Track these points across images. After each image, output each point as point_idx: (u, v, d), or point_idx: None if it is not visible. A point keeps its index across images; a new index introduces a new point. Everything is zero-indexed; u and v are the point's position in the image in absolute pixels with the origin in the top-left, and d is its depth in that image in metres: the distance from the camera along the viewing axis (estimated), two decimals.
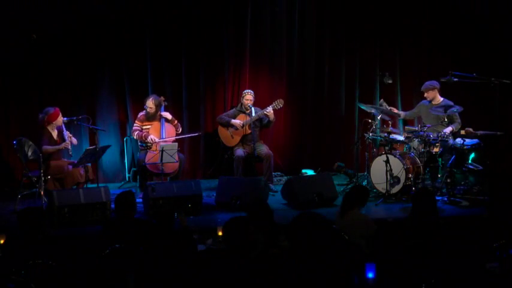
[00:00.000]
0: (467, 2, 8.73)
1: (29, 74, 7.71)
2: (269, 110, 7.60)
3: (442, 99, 7.49)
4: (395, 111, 7.90)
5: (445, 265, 3.97)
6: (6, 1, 7.53)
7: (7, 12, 7.49)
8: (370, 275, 4.16)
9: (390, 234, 4.51)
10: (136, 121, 7.54)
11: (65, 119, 7.02)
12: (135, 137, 7.51)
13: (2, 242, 4.79)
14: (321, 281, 3.41)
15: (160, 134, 7.46)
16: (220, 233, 5.02)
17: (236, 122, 7.75)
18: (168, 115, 7.56)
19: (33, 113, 7.29)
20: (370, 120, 7.57)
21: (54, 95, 7.77)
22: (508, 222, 4.96)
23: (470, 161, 7.07)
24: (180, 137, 7.73)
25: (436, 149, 7.07)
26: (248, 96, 7.76)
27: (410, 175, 7.04)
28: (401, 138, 7.47)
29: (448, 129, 7.17)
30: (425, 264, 3.97)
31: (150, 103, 7.41)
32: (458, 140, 6.99)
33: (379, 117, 7.58)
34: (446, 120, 7.19)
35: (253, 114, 7.64)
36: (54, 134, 6.98)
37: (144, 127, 7.47)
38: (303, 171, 8.31)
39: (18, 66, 7.68)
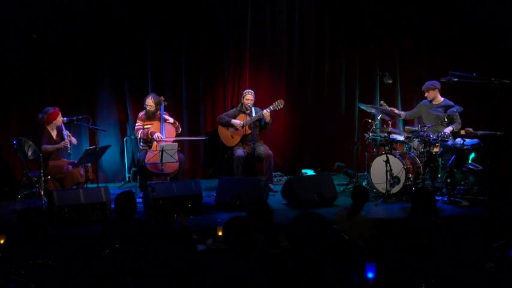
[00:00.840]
0: (467, 2, 8.73)
1: (29, 74, 7.71)
2: (265, 112, 7.60)
3: (442, 99, 7.49)
4: (396, 111, 7.90)
5: (445, 265, 3.97)
6: (6, 1, 7.53)
7: (7, 12, 7.49)
8: (370, 275, 4.17)
9: (390, 234, 4.52)
10: (138, 120, 7.53)
11: (65, 119, 7.02)
12: (139, 136, 7.48)
13: (2, 242, 4.80)
14: (321, 281, 3.41)
15: (160, 133, 7.46)
16: (220, 233, 5.03)
17: (236, 122, 7.75)
18: (170, 119, 7.55)
19: (33, 113, 7.28)
20: (370, 120, 7.57)
21: (54, 95, 7.77)
22: (508, 222, 4.95)
23: (470, 161, 7.06)
24: (183, 138, 7.71)
25: (436, 149, 7.07)
26: (248, 96, 7.76)
27: (410, 175, 7.04)
28: (401, 138, 7.47)
29: (448, 129, 7.17)
30: (425, 264, 3.97)
31: (149, 101, 7.41)
32: (458, 140, 6.99)
33: (379, 117, 7.58)
34: (446, 120, 7.19)
35: (253, 114, 7.64)
36: (54, 133, 6.98)
37: (145, 126, 7.47)
38: (303, 171, 8.31)
39: (18, 66, 7.69)
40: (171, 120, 7.55)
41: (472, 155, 7.11)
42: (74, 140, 7.13)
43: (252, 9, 8.41)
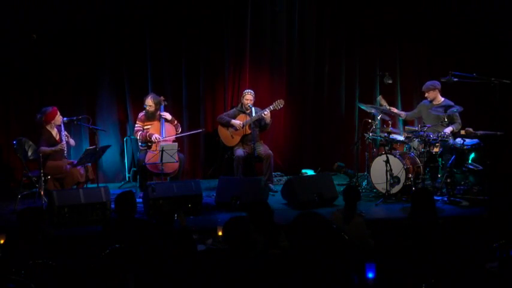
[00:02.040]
0: (467, 2, 8.73)
1: (29, 74, 7.71)
2: (266, 113, 7.60)
3: (443, 99, 7.49)
4: (396, 111, 7.90)
5: (445, 265, 3.97)
6: (6, 1, 7.53)
7: (7, 12, 7.49)
8: (370, 275, 4.18)
9: (390, 234, 4.51)
10: (137, 121, 7.53)
11: (65, 119, 7.01)
12: (138, 138, 7.49)
13: (2, 242, 4.80)
14: (321, 281, 3.41)
15: (160, 134, 7.46)
16: (220, 233, 5.03)
17: (236, 122, 7.75)
18: (167, 115, 7.55)
19: (33, 113, 7.27)
20: (370, 120, 7.57)
21: (54, 95, 7.76)
22: (508, 222, 4.95)
23: (470, 161, 7.06)
24: (182, 134, 7.70)
25: (436, 149, 7.07)
26: (248, 96, 7.76)
27: (410, 175, 7.04)
28: (401, 138, 7.47)
29: (449, 130, 7.17)
30: (425, 264, 3.97)
31: (149, 101, 7.41)
32: (458, 140, 6.99)
33: (379, 117, 7.58)
34: (446, 120, 7.19)
35: (253, 114, 7.63)
36: (54, 132, 6.97)
37: (145, 127, 7.47)
38: (303, 171, 8.31)
39: (18, 66, 7.68)
40: (169, 116, 7.54)
41: (472, 155, 7.11)
42: (72, 142, 7.12)
43: (252, 9, 8.41)
